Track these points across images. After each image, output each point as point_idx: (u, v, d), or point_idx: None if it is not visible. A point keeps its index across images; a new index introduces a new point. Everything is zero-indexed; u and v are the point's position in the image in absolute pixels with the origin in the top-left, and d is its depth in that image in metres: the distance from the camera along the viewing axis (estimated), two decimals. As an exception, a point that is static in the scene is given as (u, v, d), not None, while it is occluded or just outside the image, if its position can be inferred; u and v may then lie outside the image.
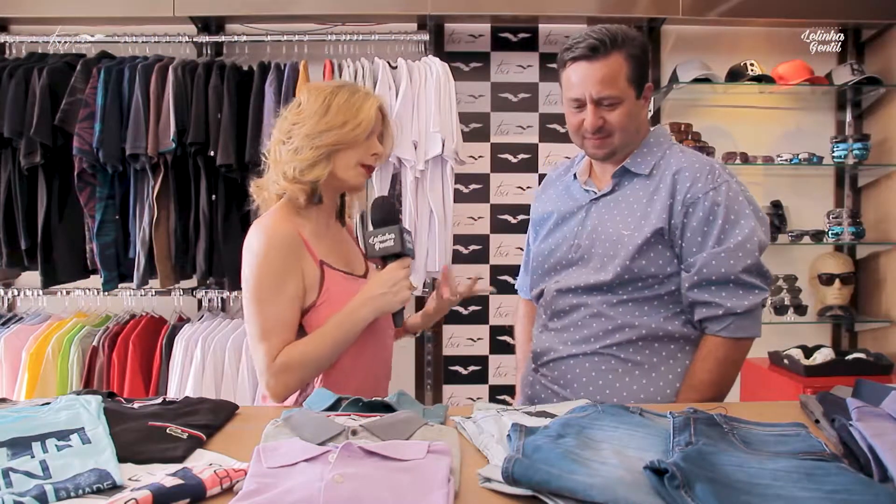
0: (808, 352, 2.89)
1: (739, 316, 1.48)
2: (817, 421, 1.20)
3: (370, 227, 1.57)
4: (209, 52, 3.10)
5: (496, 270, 3.31)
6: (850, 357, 2.79)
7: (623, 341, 1.53)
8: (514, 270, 2.51)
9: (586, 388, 1.54)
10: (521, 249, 2.59)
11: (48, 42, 2.94)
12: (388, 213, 1.54)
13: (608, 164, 1.61)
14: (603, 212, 1.59)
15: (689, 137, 3.15)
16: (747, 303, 1.48)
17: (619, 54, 1.50)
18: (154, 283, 2.81)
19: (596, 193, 1.62)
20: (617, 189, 1.59)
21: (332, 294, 1.49)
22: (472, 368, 3.32)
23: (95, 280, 2.83)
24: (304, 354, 1.43)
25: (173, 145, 2.67)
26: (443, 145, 2.79)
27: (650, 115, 3.22)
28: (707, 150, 3.13)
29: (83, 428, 1.07)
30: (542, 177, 2.80)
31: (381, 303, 1.48)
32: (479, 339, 3.32)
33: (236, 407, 1.30)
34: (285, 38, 3.01)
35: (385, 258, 1.51)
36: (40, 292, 2.91)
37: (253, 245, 1.46)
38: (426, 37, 3.05)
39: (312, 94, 1.51)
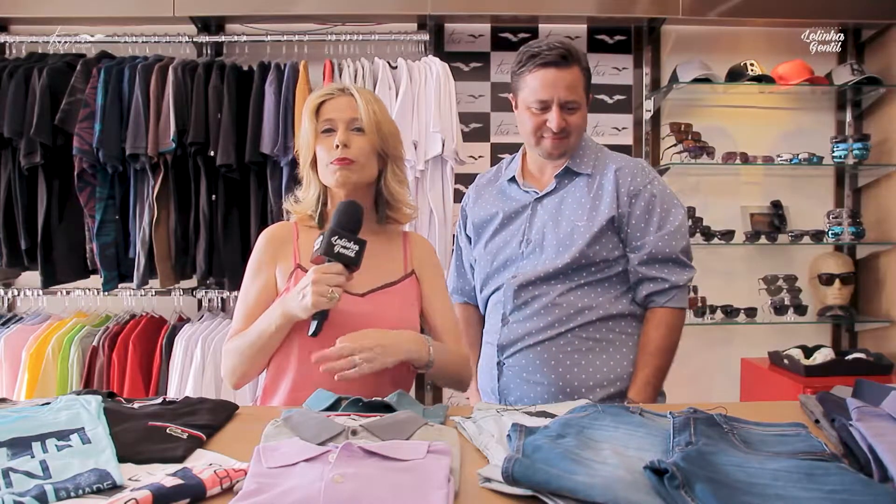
0: (808, 352, 2.89)
1: (680, 288, 1.72)
2: (817, 421, 1.20)
3: None
4: (209, 52, 3.09)
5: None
6: (850, 357, 2.79)
7: (584, 323, 1.70)
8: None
9: (555, 370, 1.69)
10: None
11: (48, 42, 2.94)
12: (337, 214, 1.41)
13: (549, 166, 1.79)
14: (550, 208, 1.76)
15: (689, 137, 3.15)
16: (685, 277, 1.73)
17: (578, 66, 1.70)
18: (154, 283, 2.81)
19: (538, 193, 1.78)
20: (560, 188, 1.77)
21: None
22: (472, 368, 3.31)
23: (95, 280, 2.83)
24: (235, 345, 1.47)
25: (173, 145, 2.67)
26: (443, 145, 2.79)
27: (650, 115, 3.23)
28: (707, 150, 3.13)
29: (83, 428, 1.07)
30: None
31: (287, 306, 1.39)
32: (479, 339, 3.31)
33: (236, 407, 1.30)
34: (285, 38, 3.01)
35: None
36: (40, 292, 2.91)
37: None
38: (426, 37, 3.05)
39: None
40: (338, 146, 1.47)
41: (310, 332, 1.36)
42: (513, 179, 1.84)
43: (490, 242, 1.82)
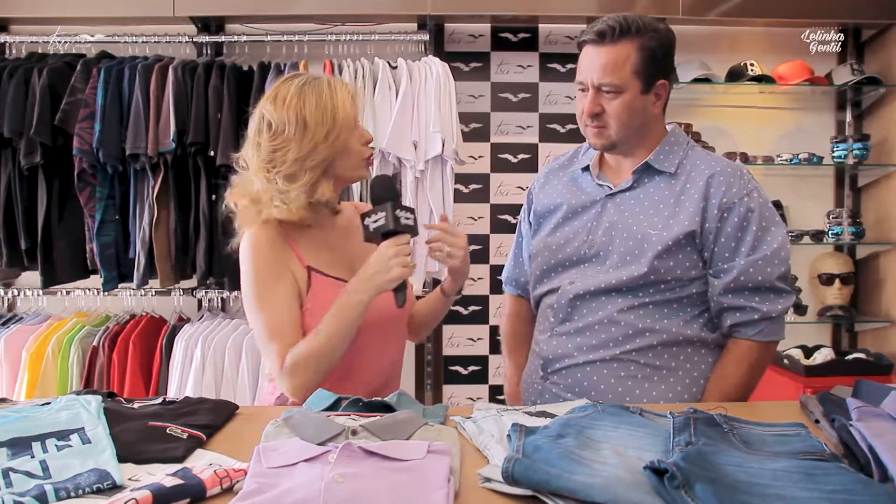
0: (808, 352, 2.89)
1: (772, 320, 1.49)
2: (817, 421, 1.20)
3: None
4: (209, 52, 3.09)
5: (496, 270, 3.31)
6: (850, 357, 2.79)
7: (643, 346, 1.49)
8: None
9: (605, 396, 1.47)
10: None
11: (48, 42, 2.94)
12: (384, 190, 1.45)
13: (627, 160, 1.57)
14: (622, 208, 1.53)
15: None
16: (780, 307, 1.49)
17: (630, 43, 1.47)
18: (154, 283, 2.81)
19: (612, 188, 1.56)
20: (637, 186, 1.54)
21: (318, 301, 1.45)
22: (472, 368, 3.32)
23: (95, 280, 2.83)
24: (309, 351, 1.39)
25: (173, 145, 2.67)
26: (443, 145, 2.78)
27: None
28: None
29: (83, 428, 1.07)
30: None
31: (373, 283, 1.39)
32: (479, 339, 3.32)
33: (236, 407, 1.30)
34: (285, 38, 3.01)
35: (385, 236, 1.43)
36: (40, 292, 2.91)
37: (242, 255, 1.48)
38: (426, 37, 3.05)
39: (280, 110, 1.43)
40: (368, 142, 1.51)
41: (399, 303, 1.44)
42: (587, 169, 1.62)
43: (551, 236, 1.61)
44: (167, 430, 1.10)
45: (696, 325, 1.51)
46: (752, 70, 3.04)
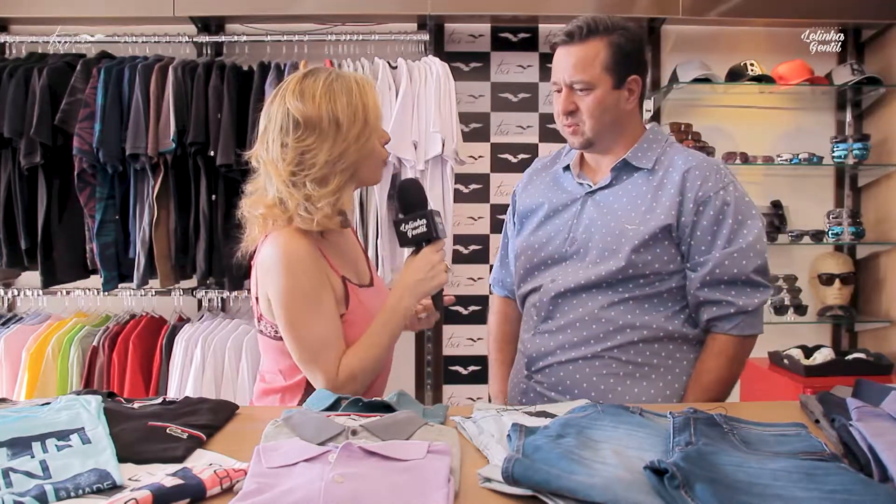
0: (808, 352, 2.89)
1: (749, 314, 1.50)
2: (817, 421, 1.20)
3: (399, 214, 1.46)
4: (209, 52, 3.10)
5: (496, 270, 3.31)
6: (850, 357, 2.79)
7: (625, 343, 1.51)
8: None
9: (587, 394, 1.48)
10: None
11: (48, 42, 2.94)
12: (416, 196, 1.46)
13: (605, 158, 1.59)
14: (601, 205, 1.56)
15: (689, 137, 3.15)
16: (756, 301, 1.50)
17: (599, 41, 1.50)
18: (154, 283, 2.81)
19: (591, 186, 1.59)
20: (616, 182, 1.57)
21: (355, 312, 1.44)
22: (472, 368, 3.32)
23: (95, 280, 2.83)
24: (364, 360, 1.39)
25: (173, 145, 2.67)
26: (443, 145, 2.78)
27: (650, 115, 3.22)
28: (707, 150, 3.12)
29: (83, 428, 1.07)
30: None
31: (420, 289, 1.43)
32: (479, 339, 3.32)
33: (236, 407, 1.30)
34: (285, 38, 3.01)
35: (419, 244, 1.45)
36: (40, 292, 2.91)
37: (273, 263, 1.37)
38: (426, 37, 3.05)
39: (309, 107, 1.34)
40: (387, 142, 1.48)
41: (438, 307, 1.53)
42: (568, 168, 1.65)
43: (533, 235, 1.64)
44: (167, 430, 1.10)
45: (677, 320, 1.53)
46: (752, 70, 3.04)
